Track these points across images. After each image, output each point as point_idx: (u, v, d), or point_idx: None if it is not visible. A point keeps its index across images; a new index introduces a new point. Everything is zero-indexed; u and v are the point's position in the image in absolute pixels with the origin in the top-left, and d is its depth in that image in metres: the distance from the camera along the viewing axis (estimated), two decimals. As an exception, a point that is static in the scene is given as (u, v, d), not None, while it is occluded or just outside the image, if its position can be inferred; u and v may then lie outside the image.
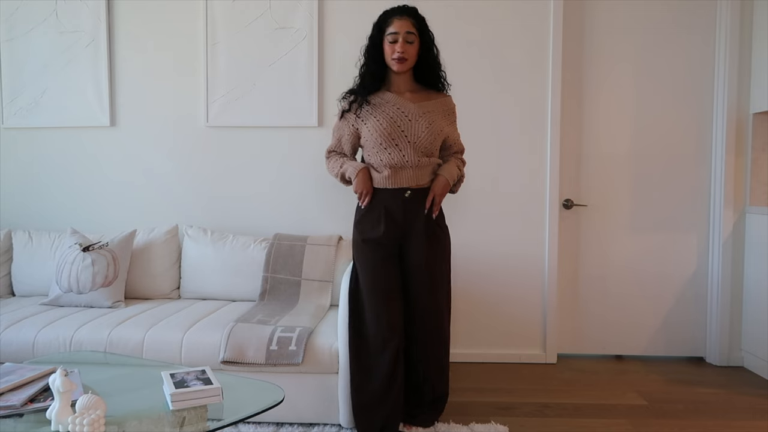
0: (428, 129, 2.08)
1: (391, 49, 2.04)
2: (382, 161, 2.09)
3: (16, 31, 3.16)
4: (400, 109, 2.09)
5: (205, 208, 3.20)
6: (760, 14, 3.00)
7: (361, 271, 2.15)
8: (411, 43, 2.04)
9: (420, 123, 2.07)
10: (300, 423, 2.25)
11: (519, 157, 3.15)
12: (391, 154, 2.07)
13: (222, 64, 3.11)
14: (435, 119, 2.11)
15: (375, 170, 2.12)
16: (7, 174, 3.26)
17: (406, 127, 2.07)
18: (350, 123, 2.15)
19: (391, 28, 2.03)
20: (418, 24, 2.06)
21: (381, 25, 2.08)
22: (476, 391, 2.73)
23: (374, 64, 2.10)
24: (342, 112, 2.17)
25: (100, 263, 2.68)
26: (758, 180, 3.09)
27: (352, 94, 2.16)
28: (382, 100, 2.11)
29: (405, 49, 2.03)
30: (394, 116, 2.07)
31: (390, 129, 2.06)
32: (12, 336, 2.28)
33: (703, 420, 2.42)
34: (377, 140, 2.08)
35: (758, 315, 2.99)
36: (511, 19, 3.09)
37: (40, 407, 1.51)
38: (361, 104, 2.11)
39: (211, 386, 1.56)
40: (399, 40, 2.02)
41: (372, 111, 2.10)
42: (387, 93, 2.12)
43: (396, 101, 2.10)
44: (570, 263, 3.23)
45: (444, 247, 2.19)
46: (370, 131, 2.09)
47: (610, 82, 3.16)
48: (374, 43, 2.09)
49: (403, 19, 2.04)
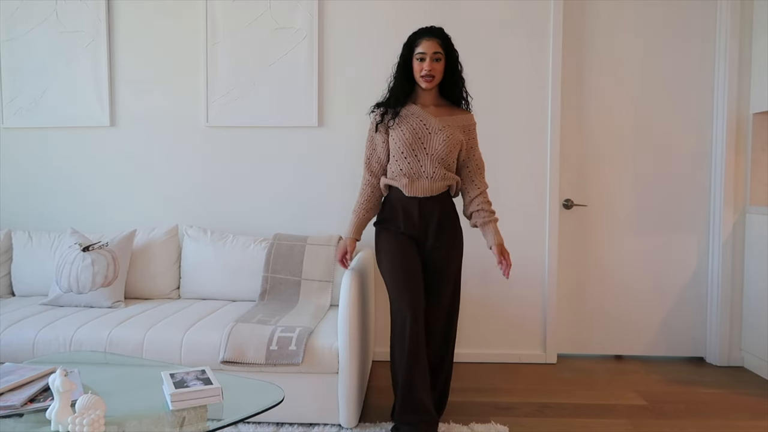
0: (445, 142, 2.19)
1: (420, 67, 2.17)
2: (402, 170, 2.21)
3: (16, 31, 3.16)
4: (423, 121, 2.21)
5: (205, 208, 3.20)
6: (760, 14, 3.00)
7: (385, 255, 2.24)
8: (438, 60, 2.17)
9: (439, 136, 2.19)
10: (300, 423, 2.25)
11: (519, 157, 3.15)
12: (410, 163, 2.19)
13: (222, 64, 3.11)
14: (453, 133, 2.22)
15: (394, 178, 2.24)
16: (7, 174, 3.26)
17: (426, 139, 2.19)
18: (382, 133, 2.27)
19: (420, 48, 2.17)
20: (444, 44, 2.19)
21: (411, 45, 2.21)
22: (476, 391, 2.73)
23: (404, 79, 2.23)
24: (376, 124, 2.28)
25: (100, 263, 2.68)
26: (758, 180, 3.09)
27: (383, 107, 2.28)
28: (408, 112, 2.24)
29: (432, 67, 2.16)
30: (417, 128, 2.20)
31: (412, 140, 2.19)
32: (12, 336, 2.28)
33: (703, 420, 2.42)
34: (400, 149, 2.20)
35: (758, 315, 2.99)
36: (511, 19, 3.09)
37: (40, 407, 1.51)
38: (393, 116, 2.24)
39: (211, 386, 1.56)
40: (427, 59, 2.15)
41: (399, 122, 2.22)
42: (413, 106, 2.25)
43: (420, 114, 2.22)
44: (570, 263, 3.23)
45: (458, 249, 2.29)
46: (395, 141, 2.22)
47: (610, 82, 3.16)
48: (404, 61, 2.23)
49: (431, 39, 2.17)
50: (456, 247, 2.27)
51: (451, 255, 2.25)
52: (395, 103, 2.24)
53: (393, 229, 2.24)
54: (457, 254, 2.28)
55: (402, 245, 2.21)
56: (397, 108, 2.23)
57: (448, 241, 2.24)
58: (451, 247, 2.25)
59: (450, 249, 2.24)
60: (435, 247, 2.22)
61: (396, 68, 2.26)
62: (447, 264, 2.23)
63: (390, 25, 3.07)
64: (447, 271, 2.24)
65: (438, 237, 2.22)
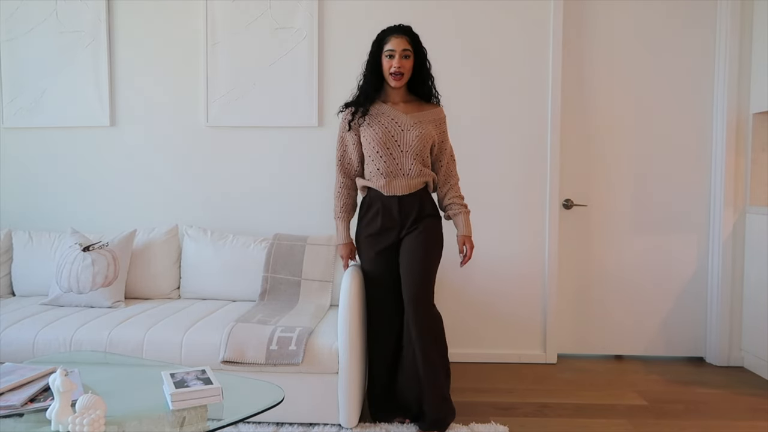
0: (418, 138, 2.25)
1: (389, 64, 2.20)
2: (379, 170, 2.26)
3: (16, 31, 3.16)
4: (394, 119, 2.25)
5: (205, 208, 3.20)
6: (760, 14, 3.00)
7: (362, 263, 2.38)
8: (407, 58, 2.20)
9: (411, 132, 2.23)
10: (300, 423, 2.25)
11: (519, 157, 3.15)
12: (386, 162, 2.24)
13: (222, 64, 3.11)
14: (425, 128, 2.26)
15: (371, 179, 2.28)
16: (7, 174, 3.26)
17: (399, 136, 2.23)
18: (354, 133, 2.29)
19: (389, 45, 2.20)
20: (413, 41, 2.22)
21: (380, 42, 2.24)
22: (476, 391, 2.73)
23: (373, 77, 2.26)
24: (348, 123, 2.29)
25: (100, 263, 2.68)
26: (758, 180, 3.09)
27: (352, 106, 2.30)
28: (378, 111, 2.28)
29: (401, 64, 2.19)
30: (389, 126, 2.24)
31: (385, 138, 2.23)
32: (12, 336, 2.28)
33: (703, 420, 2.42)
34: (374, 148, 2.24)
35: (758, 315, 2.99)
36: (511, 19, 3.09)
37: (40, 407, 1.51)
38: (362, 114, 2.26)
39: (211, 386, 1.56)
40: (396, 56, 2.18)
41: (370, 121, 2.26)
42: (383, 104, 2.29)
43: (390, 112, 2.27)
44: (570, 263, 3.23)
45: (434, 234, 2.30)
46: (368, 140, 2.26)
47: (610, 82, 3.16)
48: (373, 59, 2.26)
49: (400, 37, 2.20)
50: (432, 231, 2.27)
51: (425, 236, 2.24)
52: (365, 100, 2.27)
53: (371, 233, 2.29)
54: (433, 237, 2.26)
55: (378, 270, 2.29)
56: (366, 106, 2.25)
57: (425, 226, 2.25)
58: (427, 230, 2.25)
59: (425, 231, 2.24)
60: (410, 230, 2.25)
61: (365, 66, 2.29)
62: (419, 242, 2.22)
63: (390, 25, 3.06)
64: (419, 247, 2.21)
65: (414, 223, 2.25)
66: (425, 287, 2.21)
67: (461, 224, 2.33)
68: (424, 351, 2.17)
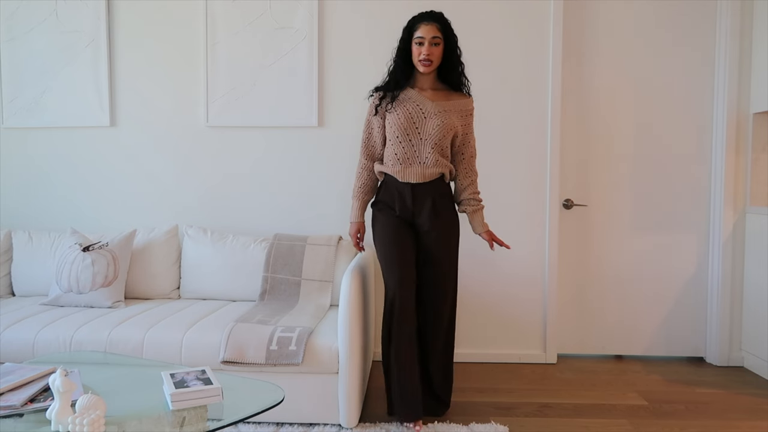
0: (439, 127, 2.22)
1: (418, 51, 2.19)
2: (396, 155, 2.25)
3: (16, 31, 3.16)
4: (419, 105, 2.24)
5: (205, 208, 3.20)
6: (760, 14, 3.00)
7: (379, 237, 2.30)
8: (437, 45, 2.19)
9: (434, 120, 2.23)
10: (300, 423, 2.25)
11: (519, 157, 3.15)
12: (405, 147, 2.23)
13: (222, 64, 3.11)
14: (449, 118, 2.24)
15: (389, 163, 2.28)
16: (7, 174, 3.26)
17: (420, 123, 2.23)
18: (380, 117, 2.30)
19: (419, 32, 2.19)
20: (443, 28, 2.20)
21: (410, 29, 2.23)
22: (476, 391, 2.73)
23: (403, 63, 2.26)
24: (375, 107, 2.30)
25: (100, 263, 2.68)
26: (758, 180, 3.08)
27: (381, 90, 2.31)
28: (405, 96, 2.27)
29: (431, 51, 2.18)
30: (412, 112, 2.23)
31: (407, 124, 2.22)
32: (12, 336, 2.28)
33: (703, 420, 2.42)
34: (395, 133, 2.24)
35: (758, 315, 2.99)
36: (511, 19, 3.09)
37: (40, 407, 1.51)
38: (391, 99, 2.27)
39: (211, 386, 1.56)
40: (425, 43, 2.17)
41: (396, 106, 2.25)
42: (411, 90, 2.28)
43: (417, 98, 2.26)
44: (570, 263, 3.23)
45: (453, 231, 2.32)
46: (390, 125, 2.26)
47: (610, 82, 3.16)
48: (404, 45, 2.25)
49: (430, 24, 2.19)
50: (451, 229, 2.31)
51: (446, 237, 2.29)
52: (394, 86, 2.28)
53: (388, 212, 2.29)
54: (452, 237, 2.32)
55: (396, 226, 2.26)
56: (395, 92, 2.26)
57: (442, 224, 2.27)
58: (445, 229, 2.29)
59: (444, 231, 2.28)
60: (429, 229, 2.26)
61: (395, 52, 2.29)
62: (440, 246, 2.27)
63: (390, 25, 3.05)
64: (441, 253, 2.28)
65: (432, 220, 2.25)
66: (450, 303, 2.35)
67: (479, 221, 2.37)
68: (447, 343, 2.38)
